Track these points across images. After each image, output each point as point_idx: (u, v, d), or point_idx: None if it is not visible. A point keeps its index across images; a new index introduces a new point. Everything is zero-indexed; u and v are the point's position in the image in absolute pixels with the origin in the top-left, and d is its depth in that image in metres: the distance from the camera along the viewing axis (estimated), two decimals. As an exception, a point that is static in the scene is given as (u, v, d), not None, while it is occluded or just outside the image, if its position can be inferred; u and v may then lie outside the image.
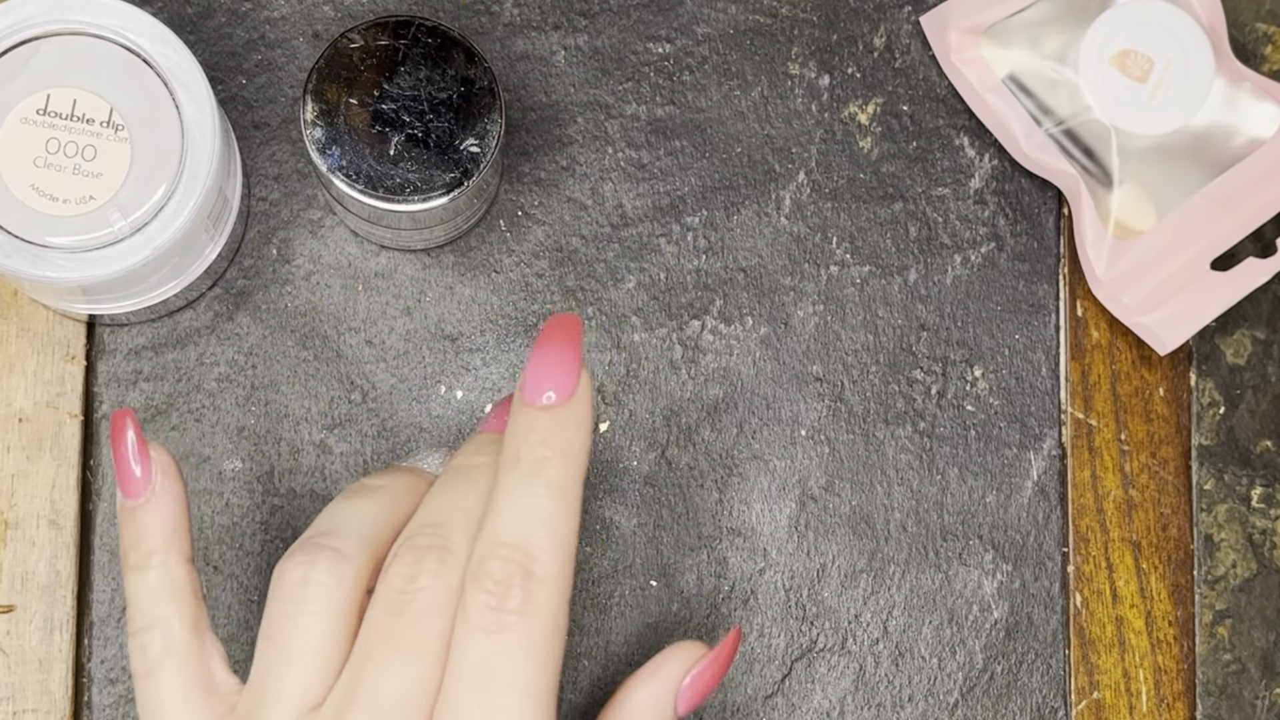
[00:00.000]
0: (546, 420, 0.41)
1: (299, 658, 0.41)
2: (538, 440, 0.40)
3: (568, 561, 0.40)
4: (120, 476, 0.43)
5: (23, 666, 0.51)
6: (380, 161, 0.49)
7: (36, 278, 0.47)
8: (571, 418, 0.41)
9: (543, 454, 0.40)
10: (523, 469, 0.40)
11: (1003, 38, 0.55)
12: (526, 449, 0.40)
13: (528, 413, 0.41)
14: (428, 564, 0.41)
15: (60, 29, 0.48)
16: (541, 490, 0.40)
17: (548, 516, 0.40)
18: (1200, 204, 0.55)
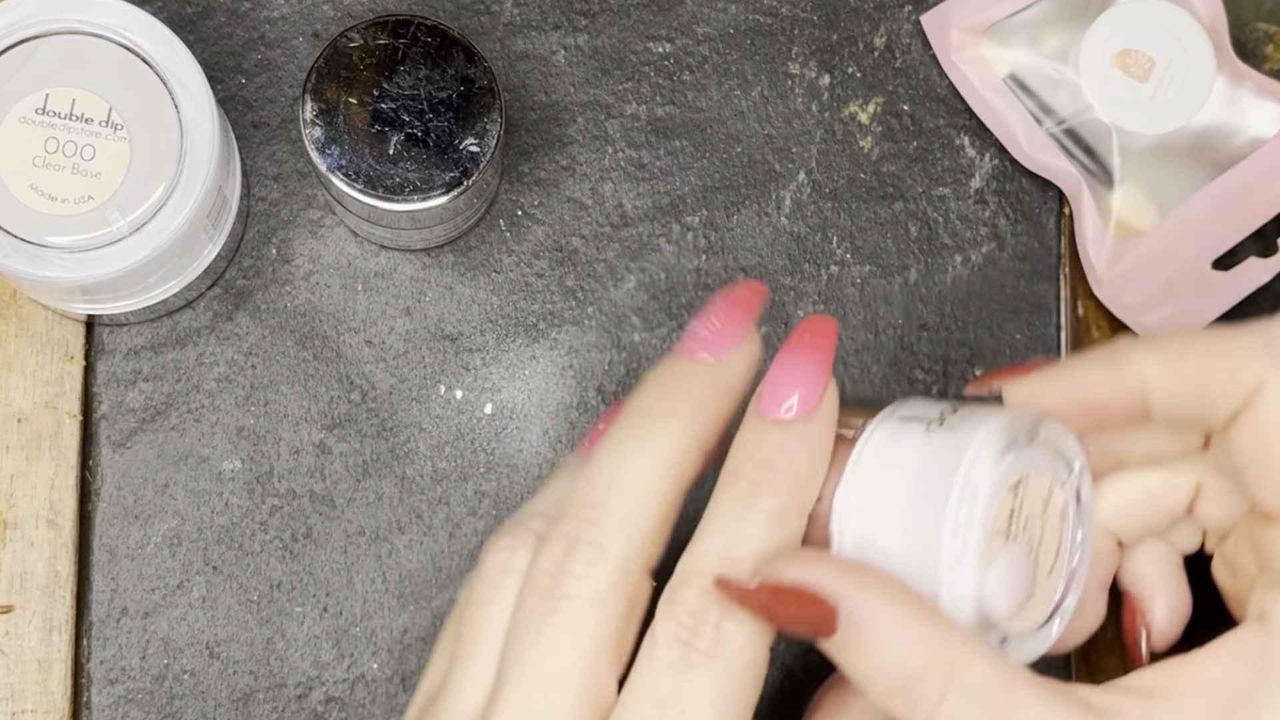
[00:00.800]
0: (778, 437, 0.37)
1: (474, 650, 0.38)
2: (763, 459, 0.37)
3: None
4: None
5: (22, 667, 0.51)
6: (380, 161, 0.49)
7: (35, 277, 0.47)
8: (805, 439, 0.37)
9: (767, 476, 0.37)
10: (741, 489, 0.37)
11: (1003, 37, 0.55)
12: (751, 466, 0.37)
13: (759, 425, 0.37)
14: (574, 565, 0.36)
15: (59, 28, 0.48)
16: (757, 518, 0.36)
17: (759, 548, 0.36)
18: (1201, 203, 0.55)
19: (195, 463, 0.53)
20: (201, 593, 0.53)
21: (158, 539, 0.53)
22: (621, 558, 0.37)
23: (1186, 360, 0.39)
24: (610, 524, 0.37)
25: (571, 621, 0.36)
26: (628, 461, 0.37)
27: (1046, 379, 0.41)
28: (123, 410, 0.53)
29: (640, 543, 0.37)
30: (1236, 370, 0.38)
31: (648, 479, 0.37)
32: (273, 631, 0.53)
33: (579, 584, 0.36)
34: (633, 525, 0.37)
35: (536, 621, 0.36)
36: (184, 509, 0.53)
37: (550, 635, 0.36)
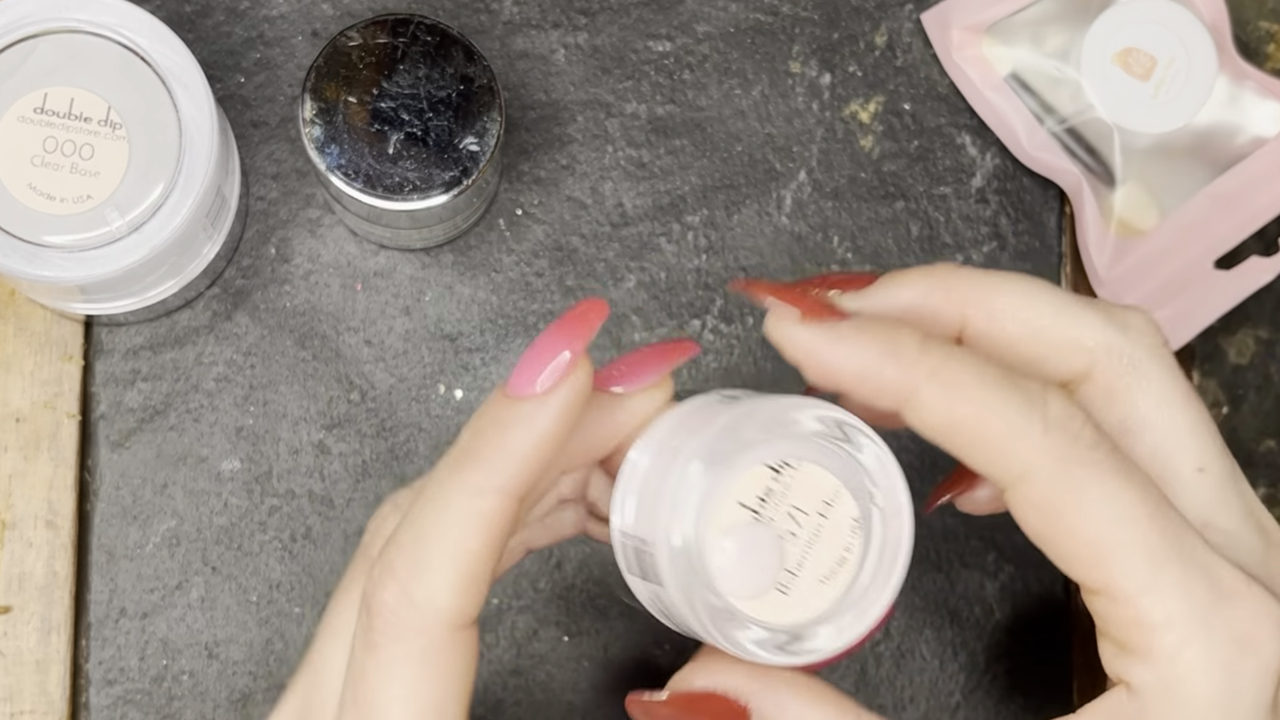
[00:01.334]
0: (502, 412, 0.36)
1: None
2: (479, 428, 0.36)
3: (461, 583, 0.35)
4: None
5: (20, 668, 0.51)
6: (379, 160, 0.49)
7: (34, 277, 0.47)
8: (527, 417, 0.35)
9: (474, 445, 0.35)
10: (451, 455, 0.36)
11: (1005, 36, 0.55)
12: (467, 434, 0.36)
13: (496, 399, 0.36)
14: (375, 523, 0.39)
15: (58, 27, 0.48)
16: (457, 493, 0.35)
17: (451, 526, 0.35)
18: (1203, 203, 0.55)
19: (194, 463, 0.53)
20: (200, 593, 0.52)
21: (156, 539, 0.53)
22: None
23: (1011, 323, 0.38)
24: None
25: (373, 663, 0.36)
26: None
27: (864, 293, 0.40)
28: (121, 410, 0.53)
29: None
30: (1010, 444, 0.36)
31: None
32: (271, 632, 0.53)
33: (383, 630, 0.36)
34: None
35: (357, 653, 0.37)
36: (183, 509, 0.53)
37: (361, 669, 0.37)
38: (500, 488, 0.35)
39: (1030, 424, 0.35)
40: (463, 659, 0.36)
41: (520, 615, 0.53)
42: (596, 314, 0.37)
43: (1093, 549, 0.35)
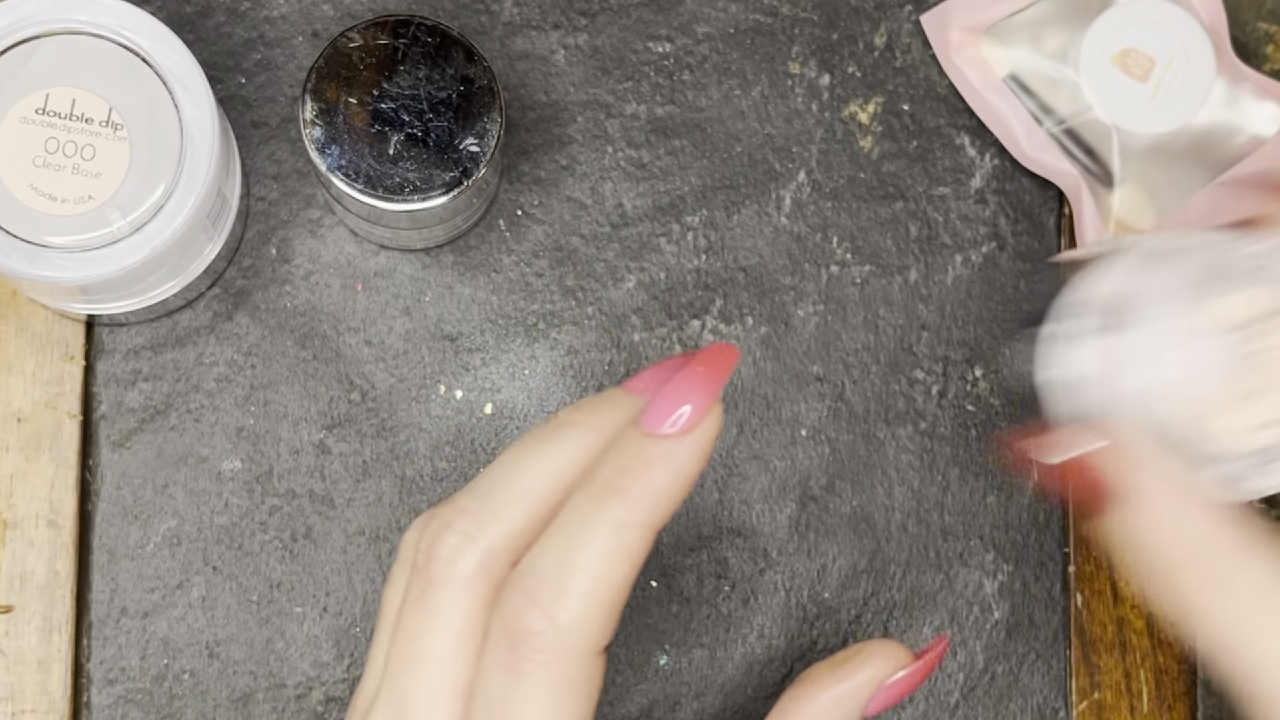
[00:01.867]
0: (645, 450, 0.37)
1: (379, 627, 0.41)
2: (622, 465, 0.37)
3: (601, 612, 0.36)
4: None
5: (21, 667, 0.51)
6: (379, 161, 0.49)
7: (35, 277, 0.47)
8: (669, 455, 0.37)
9: (621, 483, 0.37)
10: (593, 490, 0.37)
11: (1004, 37, 0.55)
12: (609, 471, 0.37)
13: (632, 434, 0.37)
14: (441, 550, 0.38)
15: (59, 28, 0.48)
16: (599, 526, 0.36)
17: (593, 560, 0.36)
18: (1202, 203, 0.55)
19: (195, 463, 0.53)
20: (201, 593, 0.53)
21: (157, 539, 0.53)
22: (486, 548, 0.38)
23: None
24: (485, 514, 0.38)
25: (436, 604, 0.38)
26: (523, 464, 0.39)
27: None
28: (122, 410, 0.53)
29: (508, 535, 0.38)
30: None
31: (537, 485, 0.38)
32: (272, 632, 0.53)
33: (444, 569, 0.38)
34: (505, 518, 0.38)
35: (410, 602, 0.38)
36: (183, 509, 0.53)
37: (418, 617, 0.38)
38: (643, 522, 0.37)
39: None
40: (597, 680, 0.37)
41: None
42: (731, 359, 0.38)
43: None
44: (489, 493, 0.39)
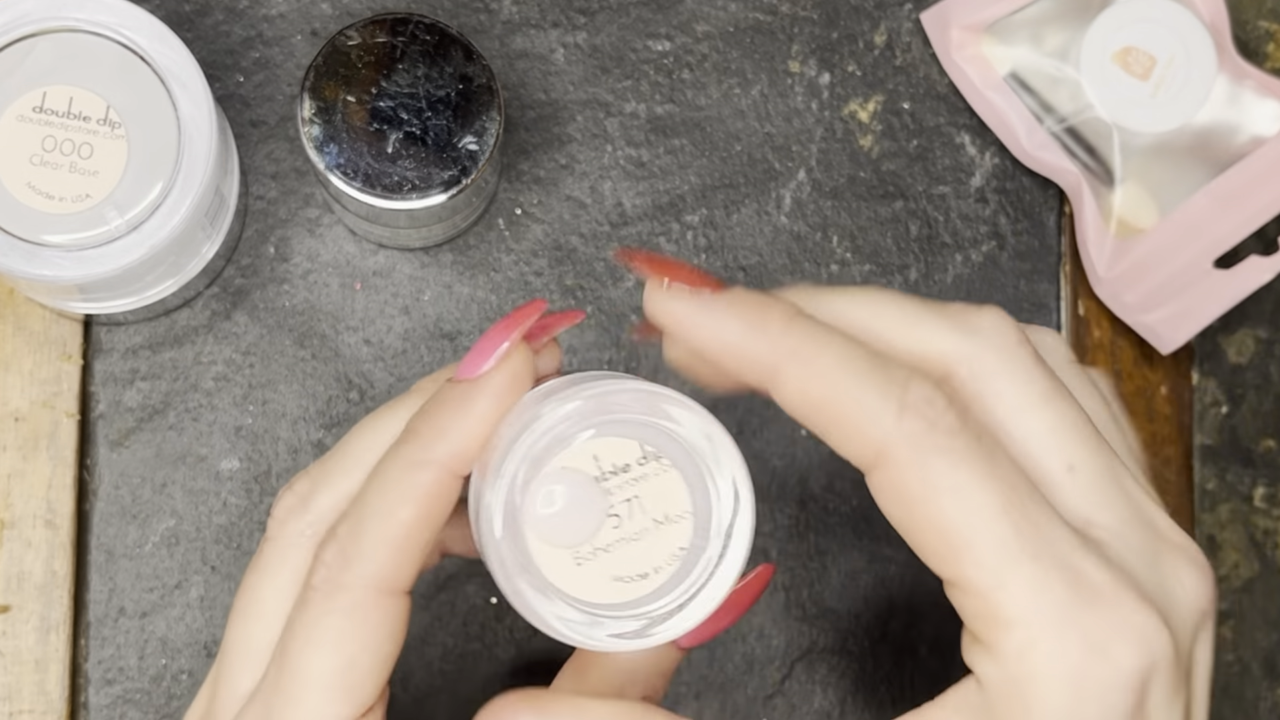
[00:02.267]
0: (440, 394, 0.38)
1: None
2: (421, 412, 0.38)
3: (388, 548, 0.37)
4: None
5: (19, 667, 0.51)
6: (378, 159, 0.49)
7: (33, 276, 0.47)
8: (462, 396, 0.37)
9: (414, 425, 0.38)
10: (398, 439, 0.38)
11: (1004, 35, 0.55)
12: (413, 418, 0.38)
13: (442, 386, 0.38)
14: (277, 510, 0.40)
15: (57, 26, 0.47)
16: (396, 463, 0.37)
17: (384, 494, 0.37)
18: (1202, 202, 0.55)
19: (193, 462, 0.53)
20: (199, 592, 0.52)
21: (155, 538, 0.53)
22: (316, 509, 0.39)
23: (820, 385, 0.36)
24: (320, 479, 0.40)
25: (266, 561, 0.40)
26: (363, 432, 0.40)
27: (696, 306, 0.39)
28: (120, 409, 0.53)
29: (339, 497, 0.39)
30: (865, 426, 0.35)
31: (371, 451, 0.39)
32: (271, 631, 0.52)
33: (278, 528, 0.40)
34: (337, 482, 0.40)
35: (251, 561, 0.40)
36: (182, 508, 0.53)
37: (252, 573, 0.40)
38: (434, 461, 0.37)
39: (885, 407, 0.35)
40: (387, 623, 0.37)
41: (521, 615, 0.53)
42: (534, 309, 0.39)
43: (945, 539, 0.35)
44: (326, 459, 0.40)
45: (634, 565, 0.36)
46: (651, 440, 0.36)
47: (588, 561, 0.36)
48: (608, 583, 0.36)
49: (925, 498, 0.35)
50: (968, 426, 0.35)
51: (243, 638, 0.39)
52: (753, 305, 0.37)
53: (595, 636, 0.36)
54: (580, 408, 0.36)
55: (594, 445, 0.36)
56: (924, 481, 0.35)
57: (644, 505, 0.36)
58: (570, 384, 0.38)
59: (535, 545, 0.36)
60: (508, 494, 0.36)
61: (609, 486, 0.36)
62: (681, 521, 0.36)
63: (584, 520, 0.36)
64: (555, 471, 0.36)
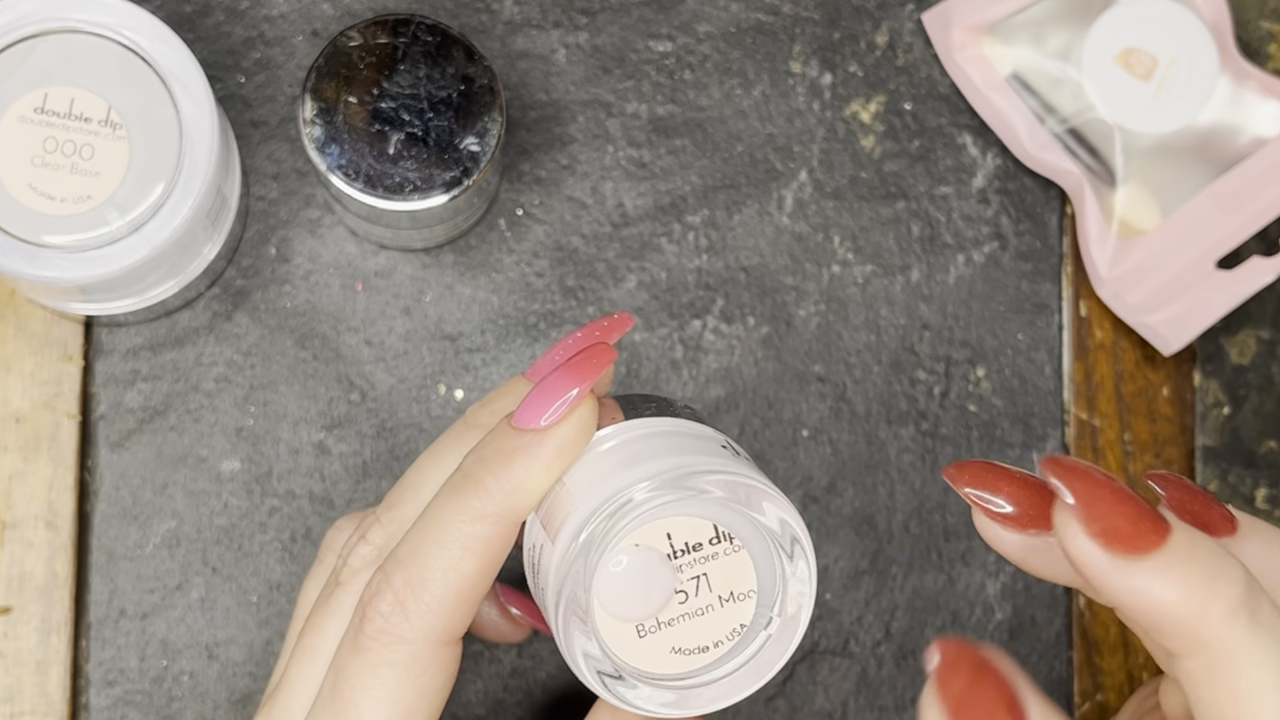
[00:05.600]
0: (502, 441, 0.37)
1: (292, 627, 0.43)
2: (482, 456, 0.37)
3: (451, 602, 0.37)
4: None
5: (20, 668, 0.51)
6: (379, 160, 0.48)
7: (34, 277, 0.47)
8: (530, 449, 0.37)
9: (477, 473, 0.37)
10: (454, 479, 0.37)
11: (1006, 36, 0.55)
12: (471, 461, 0.37)
13: (499, 428, 0.38)
14: (353, 559, 0.40)
15: (58, 27, 0.47)
16: (455, 516, 0.37)
17: (447, 547, 0.37)
18: (1205, 203, 0.55)
19: (194, 463, 0.53)
20: (200, 594, 0.52)
21: (156, 540, 0.52)
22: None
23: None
24: (391, 526, 0.40)
25: (337, 605, 0.40)
26: (426, 472, 0.40)
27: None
28: (121, 411, 0.53)
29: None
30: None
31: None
32: (272, 633, 0.52)
33: (351, 575, 0.40)
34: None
35: (318, 601, 0.40)
36: (182, 510, 0.53)
37: (321, 614, 0.40)
38: (497, 514, 0.37)
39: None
40: (442, 672, 0.37)
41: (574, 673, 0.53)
42: (605, 358, 0.38)
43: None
44: (396, 504, 0.40)
45: (695, 639, 0.37)
46: (726, 521, 0.36)
47: (650, 634, 0.37)
48: (666, 654, 0.37)
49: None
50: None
51: (306, 679, 0.39)
52: (1201, 569, 0.32)
53: (647, 704, 0.37)
54: (662, 487, 0.36)
55: (669, 523, 0.36)
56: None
57: (711, 583, 0.37)
58: (646, 437, 0.38)
59: (600, 614, 0.36)
60: (579, 560, 0.36)
61: (679, 564, 0.36)
62: (746, 600, 0.37)
63: (652, 596, 0.37)
64: (628, 547, 0.36)
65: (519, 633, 0.45)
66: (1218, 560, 0.32)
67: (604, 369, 0.38)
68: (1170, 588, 0.32)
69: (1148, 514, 0.32)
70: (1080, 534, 0.32)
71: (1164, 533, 0.32)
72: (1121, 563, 0.32)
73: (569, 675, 0.53)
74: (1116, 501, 0.32)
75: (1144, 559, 0.32)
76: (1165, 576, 0.32)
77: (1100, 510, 0.32)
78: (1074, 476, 0.32)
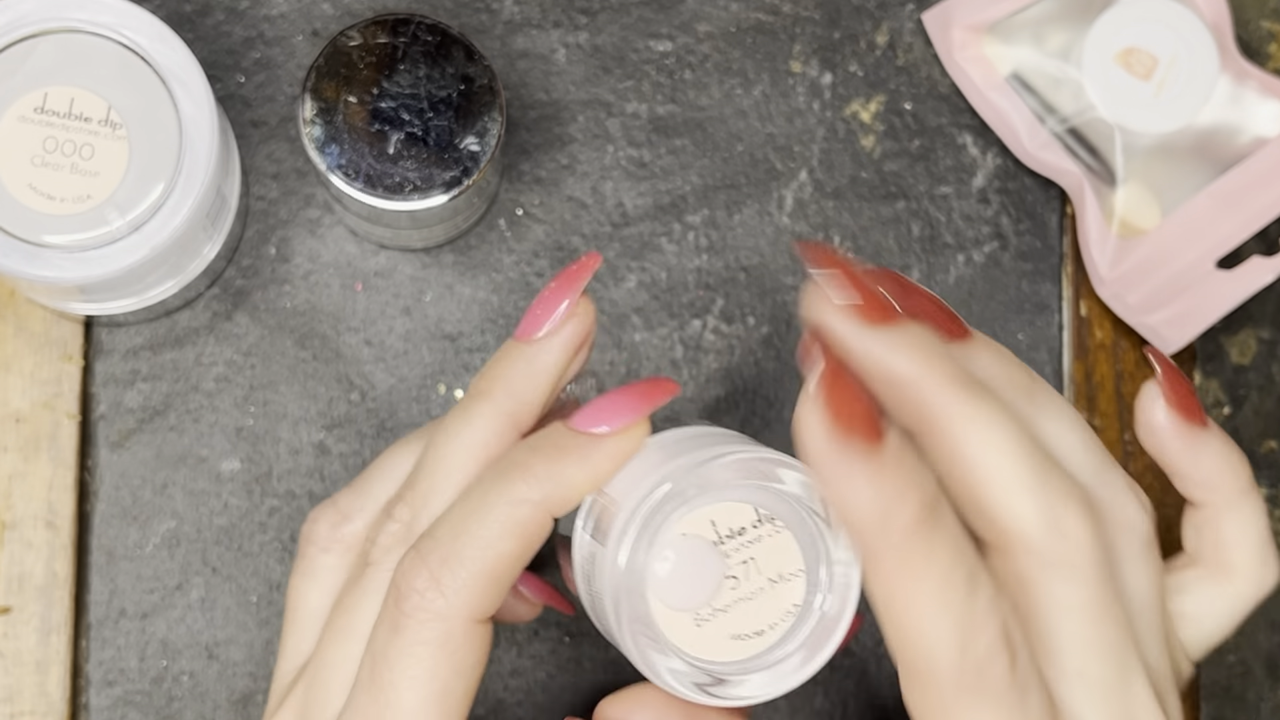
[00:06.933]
0: (558, 437, 0.39)
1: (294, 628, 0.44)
2: (533, 446, 0.39)
3: (485, 581, 0.38)
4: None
5: (20, 668, 0.51)
6: (379, 160, 0.48)
7: (34, 277, 0.47)
8: (583, 449, 0.39)
9: (528, 460, 0.39)
10: (502, 466, 0.39)
11: (1006, 35, 0.55)
12: (523, 451, 0.39)
13: (555, 427, 0.39)
14: (382, 538, 0.40)
15: (58, 26, 0.47)
16: (500, 498, 0.38)
17: (488, 526, 0.38)
18: (1205, 203, 0.55)
19: (194, 463, 0.53)
20: (200, 594, 0.52)
21: (156, 540, 0.52)
22: (419, 532, 0.40)
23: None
24: (416, 501, 0.41)
25: (368, 584, 0.40)
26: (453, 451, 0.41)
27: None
28: (121, 410, 0.53)
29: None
30: (1004, 519, 0.36)
31: (467, 468, 0.40)
32: (272, 633, 0.52)
33: (382, 554, 0.41)
34: (434, 503, 0.40)
35: (348, 585, 0.41)
36: (182, 510, 0.53)
37: (352, 595, 0.41)
38: (541, 501, 0.38)
39: (1037, 520, 0.36)
40: (477, 650, 0.38)
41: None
42: (670, 390, 0.40)
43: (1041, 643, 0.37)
44: (416, 482, 0.41)
45: (751, 623, 0.38)
46: (764, 503, 0.37)
47: (706, 622, 0.38)
48: (726, 641, 0.38)
49: (1034, 613, 0.37)
50: (1101, 571, 0.37)
51: (342, 659, 0.40)
52: (936, 356, 0.36)
53: (713, 693, 0.38)
54: (691, 478, 0.37)
55: (711, 511, 0.37)
56: (1042, 595, 0.36)
57: (759, 566, 0.38)
58: (676, 440, 0.39)
59: (656, 607, 0.37)
60: (630, 557, 0.37)
61: (726, 549, 0.37)
62: (795, 579, 0.38)
63: (705, 584, 0.37)
64: (675, 538, 0.37)
65: (532, 611, 0.45)
66: (938, 348, 0.36)
67: (663, 400, 0.39)
68: (911, 359, 0.36)
69: (887, 301, 0.37)
70: (841, 311, 0.36)
71: (900, 316, 0.36)
72: (874, 335, 0.36)
73: (569, 675, 0.53)
74: (870, 291, 0.36)
75: (895, 328, 0.36)
76: (913, 346, 0.36)
77: (855, 285, 0.36)
78: (830, 259, 0.37)
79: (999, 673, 0.35)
